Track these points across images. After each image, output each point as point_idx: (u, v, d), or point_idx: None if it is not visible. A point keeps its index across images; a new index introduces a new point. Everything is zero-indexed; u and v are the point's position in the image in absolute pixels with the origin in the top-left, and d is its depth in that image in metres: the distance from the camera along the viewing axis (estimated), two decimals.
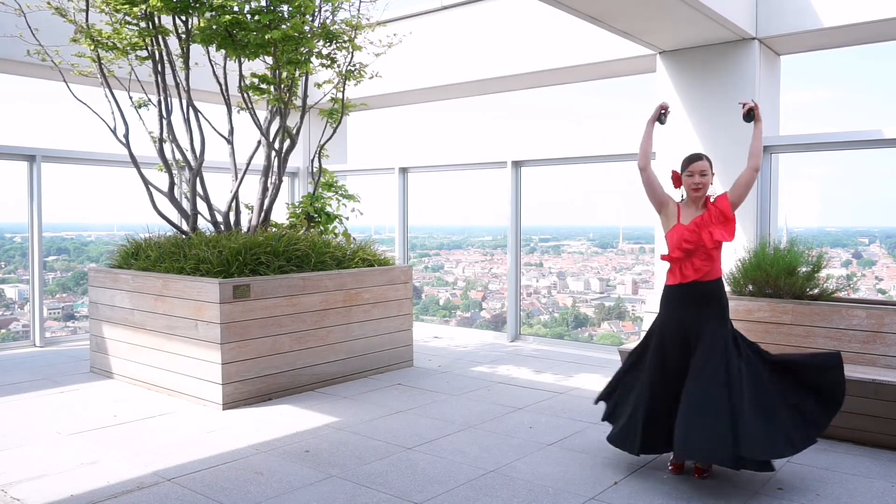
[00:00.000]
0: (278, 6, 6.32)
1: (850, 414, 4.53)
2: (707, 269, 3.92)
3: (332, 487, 3.90)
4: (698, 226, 3.92)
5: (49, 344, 8.13)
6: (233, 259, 5.78)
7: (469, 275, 10.80)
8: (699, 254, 3.91)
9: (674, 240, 3.98)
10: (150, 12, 6.29)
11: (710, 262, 3.92)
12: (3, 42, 6.97)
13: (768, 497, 3.77)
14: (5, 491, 3.86)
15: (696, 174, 3.95)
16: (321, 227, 7.39)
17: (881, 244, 8.26)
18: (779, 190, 6.79)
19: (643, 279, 9.40)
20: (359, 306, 6.46)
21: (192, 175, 6.78)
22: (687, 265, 3.94)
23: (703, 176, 3.94)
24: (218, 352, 5.42)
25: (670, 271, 4.06)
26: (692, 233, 3.91)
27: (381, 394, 5.94)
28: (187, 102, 6.77)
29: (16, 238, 8.91)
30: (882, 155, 6.45)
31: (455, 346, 8.18)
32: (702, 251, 3.90)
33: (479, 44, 8.45)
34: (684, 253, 3.93)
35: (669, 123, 6.94)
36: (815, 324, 5.04)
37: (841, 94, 13.99)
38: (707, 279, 3.95)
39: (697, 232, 3.90)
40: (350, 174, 10.31)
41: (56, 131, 20.10)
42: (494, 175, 8.82)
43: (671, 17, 5.86)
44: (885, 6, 5.87)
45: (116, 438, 4.76)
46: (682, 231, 3.94)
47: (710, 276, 3.95)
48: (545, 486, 3.91)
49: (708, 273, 3.94)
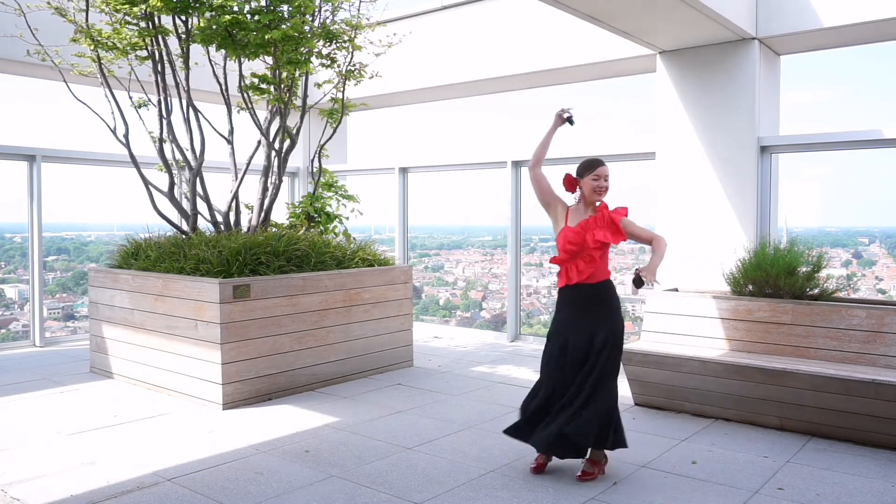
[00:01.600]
0: (278, 6, 6.33)
1: (850, 414, 4.54)
2: (590, 272, 3.98)
3: (332, 487, 3.90)
4: (584, 228, 3.99)
5: (49, 344, 8.13)
6: (233, 259, 5.77)
7: (469, 275, 10.80)
8: (583, 256, 3.98)
9: (560, 242, 4.05)
10: (150, 12, 6.28)
11: (592, 264, 3.98)
12: (3, 42, 6.96)
13: (768, 497, 3.77)
14: (5, 491, 3.86)
15: (602, 178, 4.01)
16: (321, 227, 7.39)
17: (881, 244, 8.27)
18: (779, 190, 6.79)
19: None
20: (359, 306, 6.46)
21: (192, 175, 6.78)
22: (572, 267, 4.02)
23: (607, 180, 4.02)
24: (218, 352, 5.42)
25: (559, 273, 4.14)
26: (577, 234, 3.98)
27: (381, 394, 5.94)
28: (187, 102, 6.77)
29: (16, 238, 8.91)
30: (882, 155, 6.45)
31: (455, 346, 8.18)
32: (585, 253, 3.97)
33: (478, 44, 8.45)
34: (568, 255, 4.00)
35: (669, 123, 6.97)
36: (815, 324, 5.04)
37: (841, 94, 14.00)
38: (591, 281, 4.01)
39: (582, 234, 3.97)
40: (350, 174, 10.31)
41: (56, 131, 20.11)
42: (494, 175, 8.82)
43: (671, 17, 5.86)
44: (885, 6, 5.87)
45: (116, 438, 4.76)
46: (567, 233, 4.01)
47: (594, 279, 4.02)
48: (545, 486, 3.91)
49: (591, 275, 4.00)
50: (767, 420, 4.93)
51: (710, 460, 4.33)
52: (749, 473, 4.10)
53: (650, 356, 5.30)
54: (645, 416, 5.24)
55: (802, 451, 4.47)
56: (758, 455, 4.41)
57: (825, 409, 4.63)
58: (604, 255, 4.03)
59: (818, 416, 4.68)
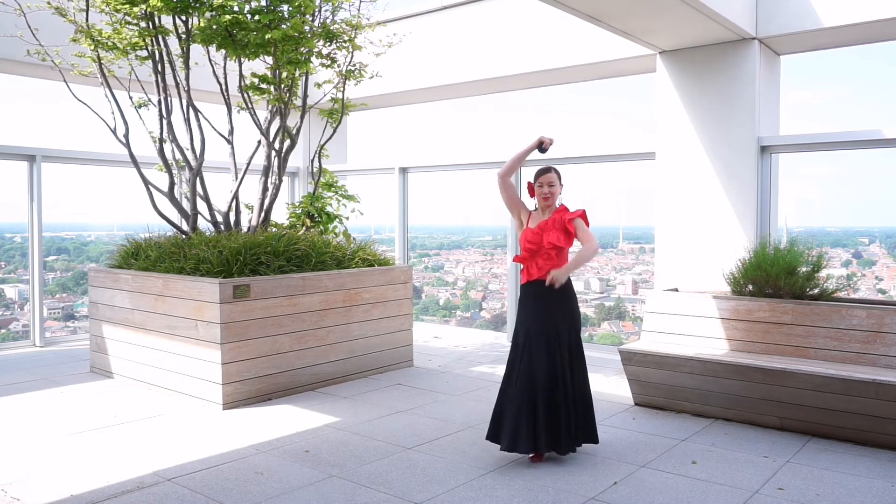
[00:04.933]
0: (278, 6, 6.32)
1: (850, 414, 4.54)
2: (549, 268, 4.24)
3: (332, 487, 3.90)
4: (542, 229, 4.30)
5: (49, 344, 8.13)
6: (233, 259, 5.77)
7: (469, 275, 10.81)
8: (541, 254, 4.28)
9: (522, 242, 4.38)
10: (150, 12, 6.29)
11: (550, 262, 4.26)
12: (3, 42, 6.96)
13: (768, 497, 3.77)
14: (5, 491, 3.86)
15: (545, 185, 4.33)
16: (321, 227, 7.39)
17: (881, 244, 8.26)
18: (779, 190, 6.79)
19: (643, 279, 9.40)
20: (359, 306, 6.46)
21: (192, 175, 6.78)
22: (532, 265, 4.32)
23: (550, 187, 4.33)
24: (218, 352, 5.42)
25: (521, 271, 4.47)
26: (535, 235, 4.30)
27: (381, 394, 5.94)
28: (187, 102, 6.77)
29: (16, 238, 8.91)
30: (882, 155, 6.45)
31: (455, 346, 8.18)
32: (543, 252, 4.27)
33: (478, 44, 8.45)
34: (529, 253, 4.32)
35: (669, 123, 6.97)
36: (815, 324, 5.04)
37: (841, 94, 14.01)
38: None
39: (540, 234, 4.29)
40: (350, 174, 10.31)
41: (56, 131, 20.11)
42: (494, 175, 8.79)
43: (671, 17, 5.86)
44: (885, 6, 5.87)
45: (116, 438, 4.76)
46: (527, 234, 4.34)
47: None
48: (545, 486, 3.91)
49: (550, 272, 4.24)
50: (767, 420, 4.93)
51: (710, 460, 4.33)
52: (749, 473, 4.11)
53: (650, 356, 5.30)
54: (645, 416, 5.24)
55: (802, 451, 4.47)
56: (758, 455, 4.41)
57: (825, 409, 4.63)
58: (561, 254, 4.30)
59: (818, 416, 4.68)
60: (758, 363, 4.86)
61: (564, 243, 4.24)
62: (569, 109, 24.73)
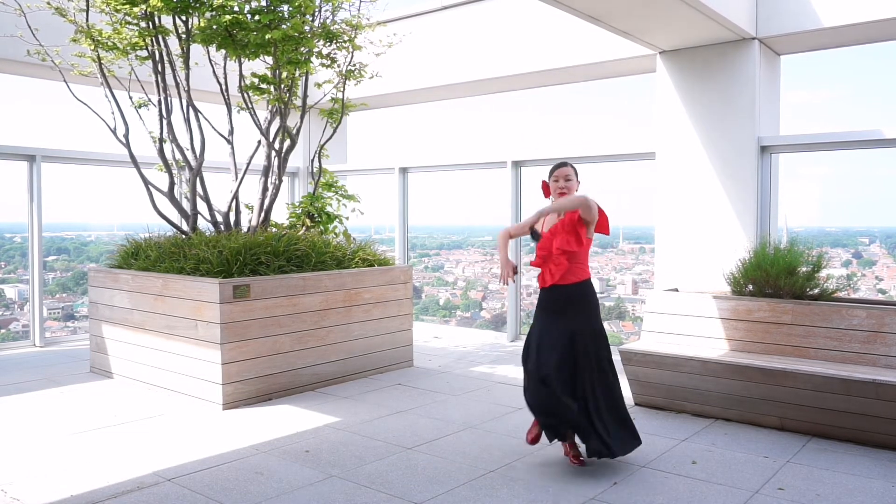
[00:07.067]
0: (278, 6, 6.32)
1: (850, 414, 4.54)
2: (562, 273, 4.08)
3: (332, 487, 3.90)
4: (552, 233, 4.11)
5: (49, 344, 8.13)
6: (233, 259, 5.77)
7: (469, 275, 10.80)
8: (553, 259, 4.09)
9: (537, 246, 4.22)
10: (150, 12, 6.28)
11: (561, 266, 4.07)
12: (3, 42, 6.96)
13: (768, 497, 3.77)
14: (5, 491, 3.86)
15: (561, 179, 4.15)
16: (321, 227, 7.39)
17: (881, 244, 8.26)
18: (779, 190, 6.79)
19: (643, 279, 9.39)
20: (359, 306, 6.46)
21: (192, 175, 6.78)
22: (546, 270, 4.15)
23: (567, 181, 4.14)
24: (218, 352, 5.42)
25: (538, 276, 4.28)
26: (546, 240, 4.13)
27: (381, 394, 5.94)
28: (187, 102, 6.77)
29: (16, 238, 8.91)
30: (882, 155, 6.45)
31: (455, 346, 8.18)
32: (553, 257, 4.09)
33: (479, 44, 8.45)
34: (541, 259, 4.14)
35: (669, 123, 6.97)
36: (815, 324, 5.04)
37: (841, 94, 14.01)
38: (565, 282, 4.11)
39: (550, 239, 4.10)
40: (350, 174, 10.31)
41: (56, 131, 20.10)
42: (494, 175, 8.82)
43: (671, 17, 5.86)
44: (885, 6, 5.87)
45: (116, 438, 4.76)
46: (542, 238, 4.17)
47: (567, 280, 4.11)
48: (545, 486, 3.91)
49: (564, 276, 4.09)
50: (767, 420, 4.93)
51: (711, 460, 4.33)
52: (749, 473, 4.11)
53: (650, 356, 5.30)
54: (645, 416, 5.24)
55: (802, 451, 4.47)
56: (758, 455, 4.41)
57: (825, 409, 4.63)
58: (573, 258, 4.09)
59: (818, 416, 4.68)
60: (758, 363, 4.86)
61: (575, 246, 4.02)
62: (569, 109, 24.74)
